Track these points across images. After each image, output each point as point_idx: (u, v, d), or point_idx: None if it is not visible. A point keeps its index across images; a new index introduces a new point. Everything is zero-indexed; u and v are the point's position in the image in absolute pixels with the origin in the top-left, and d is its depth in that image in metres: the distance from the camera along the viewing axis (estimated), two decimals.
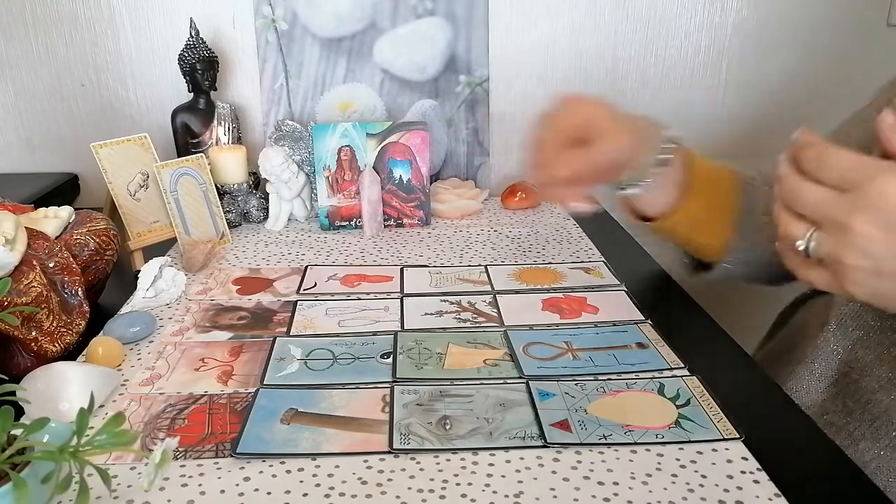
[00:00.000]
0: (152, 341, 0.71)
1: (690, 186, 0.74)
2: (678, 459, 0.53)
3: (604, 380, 0.64)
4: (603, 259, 0.91)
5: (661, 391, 0.62)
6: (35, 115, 1.14)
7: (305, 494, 0.50)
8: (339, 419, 0.58)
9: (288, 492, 0.50)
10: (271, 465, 0.53)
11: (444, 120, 1.15)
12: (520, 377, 0.64)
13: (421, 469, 0.52)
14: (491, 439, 0.55)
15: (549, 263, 0.90)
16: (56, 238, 0.74)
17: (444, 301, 0.79)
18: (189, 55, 1.02)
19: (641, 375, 0.65)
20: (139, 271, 0.80)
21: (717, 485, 0.51)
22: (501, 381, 0.64)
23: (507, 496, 0.50)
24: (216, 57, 1.04)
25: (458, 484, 0.51)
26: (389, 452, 0.54)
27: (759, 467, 0.52)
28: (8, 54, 1.11)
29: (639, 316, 0.76)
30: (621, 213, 0.84)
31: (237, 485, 0.51)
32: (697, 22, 1.16)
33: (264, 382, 0.64)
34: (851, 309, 0.70)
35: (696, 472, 0.52)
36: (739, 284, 0.94)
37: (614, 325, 0.74)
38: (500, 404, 0.60)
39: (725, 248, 0.77)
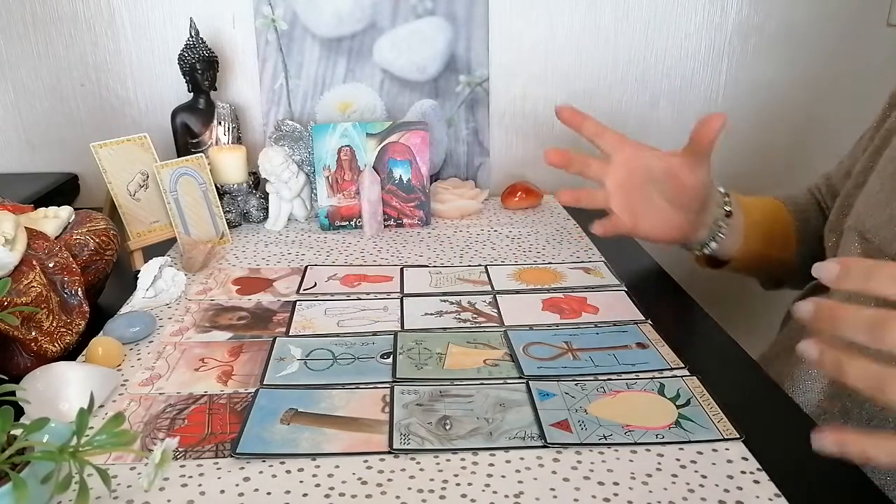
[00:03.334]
0: (152, 341, 0.71)
1: (751, 225, 0.83)
2: (678, 459, 0.53)
3: (604, 380, 0.64)
4: (603, 259, 0.91)
5: (661, 391, 0.62)
6: (35, 115, 1.14)
7: (305, 495, 0.50)
8: (339, 419, 0.58)
9: (288, 492, 0.50)
10: (271, 466, 0.53)
11: (444, 120, 1.15)
12: (520, 377, 0.64)
13: (421, 469, 0.52)
14: (491, 439, 0.55)
15: (549, 263, 0.90)
16: (56, 238, 0.74)
17: (444, 301, 0.79)
18: (189, 55, 1.02)
19: (641, 375, 0.65)
20: (139, 271, 0.80)
21: (717, 485, 0.51)
22: (501, 381, 0.64)
23: (507, 496, 0.50)
24: (216, 57, 1.04)
25: (458, 484, 0.51)
26: (389, 452, 0.54)
27: (759, 467, 0.52)
28: (8, 54, 1.11)
29: (639, 316, 0.76)
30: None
31: (237, 485, 0.51)
32: (697, 22, 1.16)
33: (264, 382, 0.64)
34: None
35: (696, 472, 0.52)
36: (739, 284, 0.95)
37: (614, 325, 0.74)
38: (500, 404, 0.60)
39: (793, 269, 0.85)
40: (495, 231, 1.02)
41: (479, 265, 0.90)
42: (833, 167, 0.89)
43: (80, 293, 0.70)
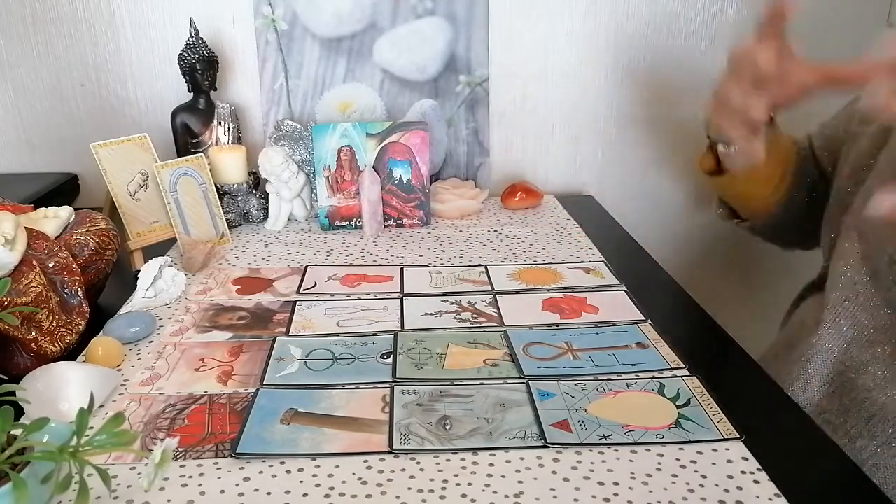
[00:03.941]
0: (152, 341, 0.71)
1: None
2: (678, 459, 0.53)
3: (604, 380, 0.64)
4: (603, 259, 0.91)
5: (661, 391, 0.62)
6: (35, 115, 1.14)
7: (305, 494, 0.50)
8: (339, 419, 0.58)
9: (288, 492, 0.50)
10: (271, 465, 0.53)
11: (444, 120, 1.15)
12: (520, 377, 0.64)
13: (421, 469, 0.52)
14: (491, 439, 0.55)
15: (549, 263, 0.90)
16: (56, 238, 0.74)
17: (444, 301, 0.79)
18: (189, 55, 1.02)
19: (641, 375, 0.65)
20: (139, 271, 0.80)
21: (717, 485, 0.51)
22: (501, 381, 0.64)
23: (507, 496, 0.50)
24: (216, 57, 1.04)
25: (458, 484, 0.51)
26: (389, 452, 0.54)
27: (759, 467, 0.52)
28: (8, 54, 1.11)
29: (639, 316, 0.76)
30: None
31: (237, 485, 0.51)
32: (697, 22, 1.16)
33: (264, 382, 0.64)
34: (846, 308, 0.70)
35: (696, 472, 0.52)
36: (739, 284, 0.95)
37: (614, 325, 0.74)
38: (500, 404, 0.60)
39: (770, 207, 0.84)
40: (495, 231, 1.02)
41: (479, 265, 0.90)
42: (814, 129, 0.89)
43: (80, 293, 0.70)
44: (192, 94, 1.05)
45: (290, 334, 0.72)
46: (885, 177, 0.70)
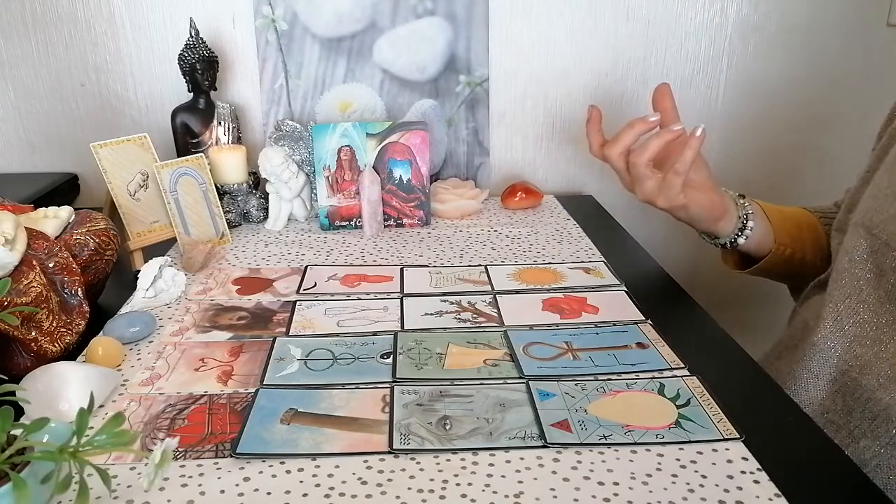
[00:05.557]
0: (152, 341, 0.71)
1: (779, 223, 0.86)
2: (678, 459, 0.53)
3: (604, 380, 0.64)
4: (603, 259, 0.91)
5: (661, 391, 0.62)
6: (35, 115, 1.14)
7: (305, 494, 0.50)
8: (339, 419, 0.58)
9: (288, 492, 0.50)
10: (271, 466, 0.53)
11: (444, 120, 1.15)
12: (520, 377, 0.64)
13: (421, 469, 0.52)
14: (491, 439, 0.55)
15: (549, 263, 0.90)
16: (56, 238, 0.74)
17: (444, 301, 0.79)
18: (189, 55, 1.02)
19: (641, 375, 0.65)
20: (139, 271, 0.80)
21: (717, 485, 0.51)
22: (501, 381, 0.64)
23: (507, 496, 0.50)
24: (216, 57, 1.04)
25: (458, 484, 0.51)
26: (389, 452, 0.54)
27: (760, 467, 0.52)
28: (8, 54, 1.11)
29: (639, 316, 0.76)
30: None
31: (237, 485, 0.51)
32: (697, 22, 1.16)
33: (264, 382, 0.64)
34: (848, 305, 0.70)
35: (696, 472, 0.52)
36: (739, 284, 0.95)
37: (614, 325, 0.74)
38: (500, 404, 0.60)
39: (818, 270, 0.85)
40: (495, 231, 1.02)
41: (479, 265, 0.90)
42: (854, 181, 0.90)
43: (80, 293, 0.70)
44: (192, 94, 1.05)
45: (290, 334, 0.72)
46: (895, 172, 0.70)
